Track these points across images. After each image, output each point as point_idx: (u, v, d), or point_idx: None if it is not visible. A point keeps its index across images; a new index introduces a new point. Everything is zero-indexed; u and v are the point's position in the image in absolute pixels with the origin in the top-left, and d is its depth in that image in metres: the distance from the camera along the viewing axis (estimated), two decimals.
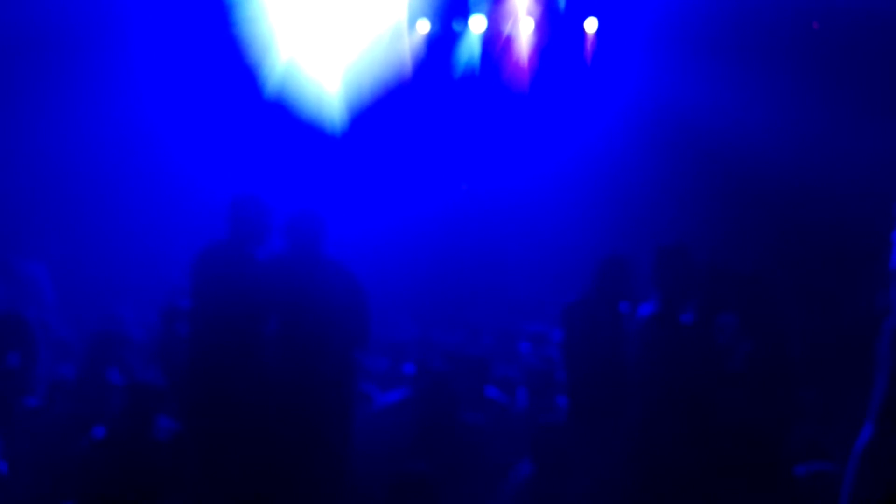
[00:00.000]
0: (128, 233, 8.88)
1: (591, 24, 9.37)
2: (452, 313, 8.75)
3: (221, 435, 4.36)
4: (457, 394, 5.01)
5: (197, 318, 4.66)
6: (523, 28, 9.49)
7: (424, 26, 9.52)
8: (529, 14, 9.43)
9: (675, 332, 4.30)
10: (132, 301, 7.68)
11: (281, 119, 9.08)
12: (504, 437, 5.23)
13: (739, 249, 7.71)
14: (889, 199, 2.76)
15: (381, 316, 5.24)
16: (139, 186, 8.98)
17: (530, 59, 9.56)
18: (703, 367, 4.21)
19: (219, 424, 4.39)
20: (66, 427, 4.98)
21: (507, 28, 9.52)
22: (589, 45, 9.43)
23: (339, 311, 4.44)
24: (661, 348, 4.27)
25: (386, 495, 3.66)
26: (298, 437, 4.39)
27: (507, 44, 9.59)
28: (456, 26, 9.60)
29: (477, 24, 9.48)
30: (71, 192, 8.92)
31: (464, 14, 9.47)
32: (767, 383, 4.21)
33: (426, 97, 9.60)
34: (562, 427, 4.01)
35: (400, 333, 7.60)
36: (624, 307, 4.78)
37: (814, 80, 8.37)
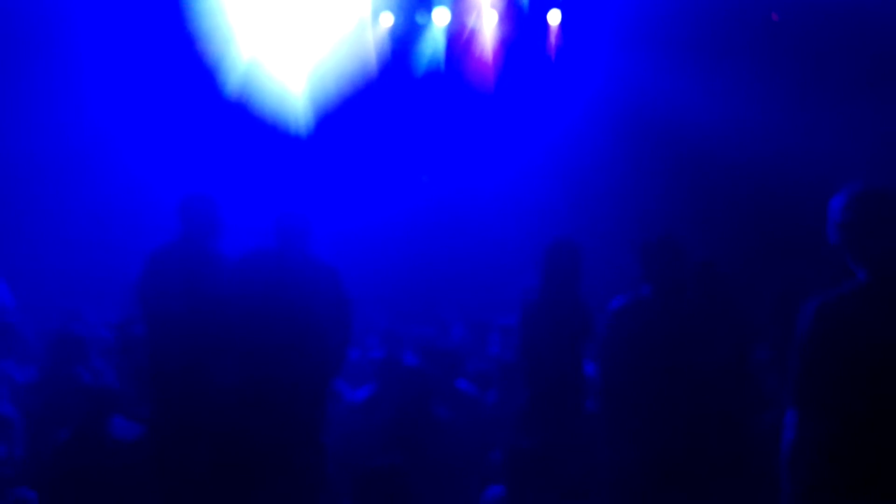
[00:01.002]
0: (89, 234, 8.76)
1: (554, 16, 9.40)
2: (423, 307, 8.75)
3: (190, 435, 4.32)
4: (428, 388, 5.01)
5: (155, 314, 4.60)
6: (487, 20, 9.48)
7: (388, 19, 9.48)
8: (493, 6, 9.43)
9: (669, 321, 4.32)
10: (94, 301, 7.58)
11: (243, 119, 8.98)
12: (475, 430, 5.25)
13: (704, 240, 7.78)
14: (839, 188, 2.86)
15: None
16: (100, 187, 8.84)
17: (494, 51, 9.56)
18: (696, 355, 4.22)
19: (186, 425, 4.34)
20: (33, 429, 4.94)
21: (471, 20, 9.50)
22: (553, 37, 9.46)
23: (324, 307, 4.41)
24: (654, 336, 4.26)
25: (357, 488, 3.64)
26: (271, 435, 4.35)
27: (471, 36, 9.58)
28: (419, 19, 9.56)
29: (441, 16, 9.45)
30: (30, 193, 8.77)
31: (427, 6, 9.44)
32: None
33: (391, 93, 9.56)
34: (537, 451, 3.96)
35: (369, 326, 7.59)
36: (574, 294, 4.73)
37: (774, 71, 8.48)
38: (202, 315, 4.40)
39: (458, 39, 9.59)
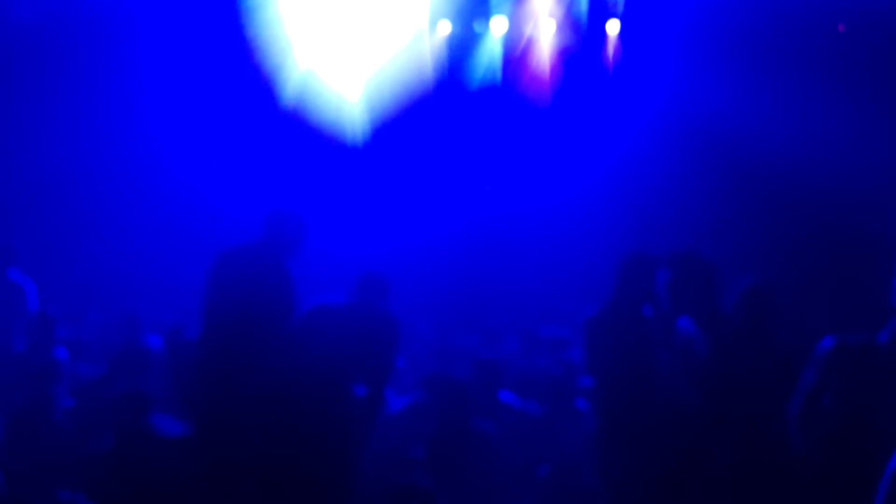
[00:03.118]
0: (146, 241, 8.90)
1: (613, 26, 9.30)
2: (472, 317, 8.72)
3: (230, 439, 4.35)
4: (470, 400, 4.97)
5: (218, 315, 4.63)
6: (545, 29, 9.42)
7: (445, 27, 9.49)
8: (551, 15, 9.37)
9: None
10: (148, 304, 7.71)
11: (300, 129, 9.03)
12: (518, 443, 5.20)
13: (763, 256, 7.59)
14: None
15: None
16: (157, 196, 8.98)
17: (552, 61, 9.50)
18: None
19: (229, 427, 4.38)
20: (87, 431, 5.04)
21: (528, 29, 9.46)
22: (611, 47, 9.35)
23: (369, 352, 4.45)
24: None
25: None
26: (308, 440, 4.36)
27: (528, 46, 9.53)
28: (477, 28, 9.55)
29: (498, 25, 9.43)
30: (86, 200, 8.94)
31: (485, 15, 9.42)
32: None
33: (448, 103, 9.55)
34: None
35: (418, 336, 7.58)
36: (648, 310, 4.57)
37: (839, 83, 8.23)
38: (259, 327, 4.44)
39: (516, 49, 9.54)
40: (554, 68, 9.50)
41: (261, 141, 8.95)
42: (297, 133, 9.02)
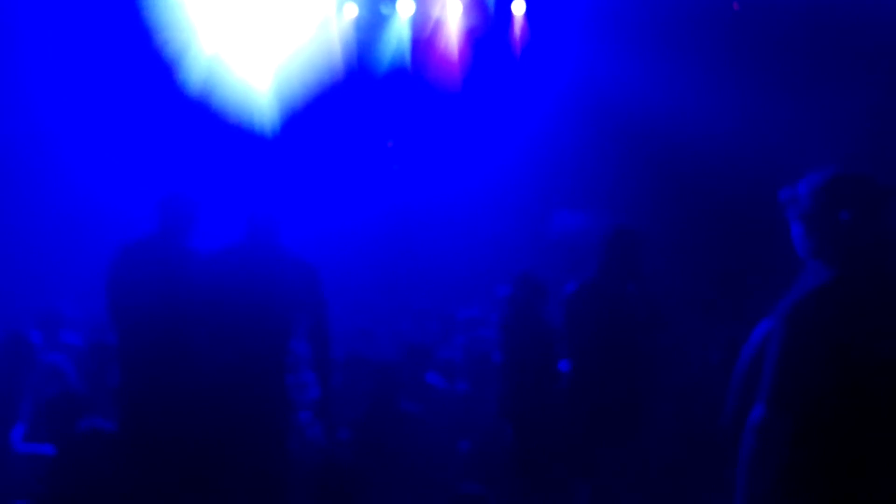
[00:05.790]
0: (50, 236, 8.62)
1: (518, 6, 9.40)
2: (396, 304, 8.75)
3: (161, 436, 4.29)
4: (396, 381, 5.03)
5: (126, 307, 4.55)
6: (452, 11, 9.46)
7: (352, 10, 9.44)
8: None
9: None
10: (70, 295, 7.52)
11: (206, 117, 8.83)
12: (442, 421, 5.29)
13: (673, 231, 7.80)
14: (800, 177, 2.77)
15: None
16: (58, 187, 8.68)
17: (460, 42, 9.55)
18: None
19: (157, 424, 4.31)
20: None
21: (435, 11, 9.48)
22: (517, 27, 9.46)
23: (295, 303, 4.37)
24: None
25: (314, 485, 3.67)
26: (237, 429, 4.33)
27: (435, 27, 9.55)
28: (384, 10, 9.52)
29: (405, 7, 9.42)
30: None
31: None
32: None
33: (356, 89, 9.49)
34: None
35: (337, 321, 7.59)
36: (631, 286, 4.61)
37: (738, 60, 8.50)
38: (174, 309, 4.37)
39: (423, 31, 9.55)
40: (462, 50, 9.55)
41: (166, 131, 8.72)
42: (203, 122, 8.82)
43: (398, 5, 9.40)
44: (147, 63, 8.53)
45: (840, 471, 2.53)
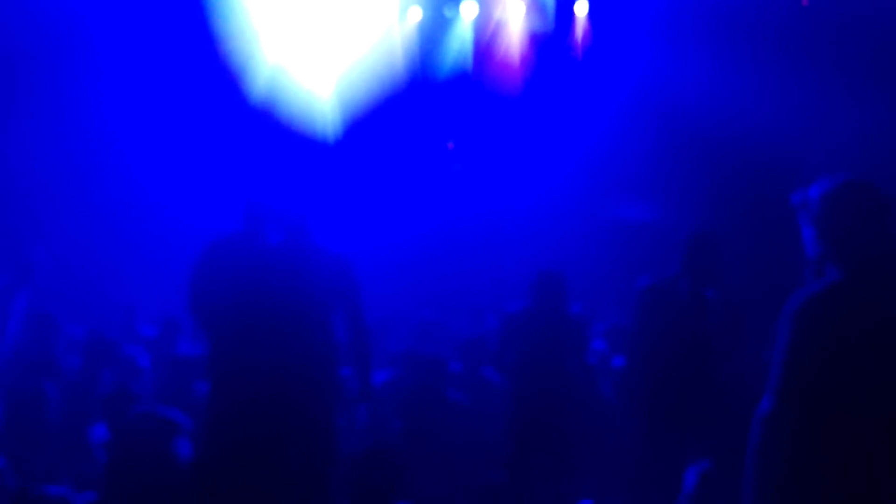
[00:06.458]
0: (113, 240, 8.91)
1: (581, 7, 9.40)
2: (458, 303, 8.83)
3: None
4: (445, 374, 5.11)
5: (217, 301, 4.59)
6: (514, 13, 9.52)
7: (416, 14, 9.57)
8: None
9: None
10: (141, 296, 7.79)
11: (269, 124, 8.96)
12: (492, 415, 5.36)
13: (742, 234, 7.67)
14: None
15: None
16: (124, 192, 8.94)
17: (522, 45, 9.58)
18: None
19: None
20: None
21: (498, 13, 9.55)
22: (580, 29, 9.45)
23: (328, 295, 4.43)
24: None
25: (354, 469, 3.74)
26: (291, 418, 4.39)
27: (498, 30, 9.61)
28: (448, 13, 9.63)
29: (468, 9, 9.52)
30: (59, 196, 8.89)
31: (455, 0, 9.51)
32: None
33: (419, 95, 9.57)
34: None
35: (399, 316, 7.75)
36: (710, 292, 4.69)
37: (799, 60, 8.32)
38: (258, 302, 4.40)
39: (486, 34, 9.61)
40: (524, 53, 9.58)
41: (232, 137, 8.88)
42: (267, 130, 8.96)
43: (461, 7, 9.50)
44: (213, 71, 8.74)
45: (844, 462, 2.60)
